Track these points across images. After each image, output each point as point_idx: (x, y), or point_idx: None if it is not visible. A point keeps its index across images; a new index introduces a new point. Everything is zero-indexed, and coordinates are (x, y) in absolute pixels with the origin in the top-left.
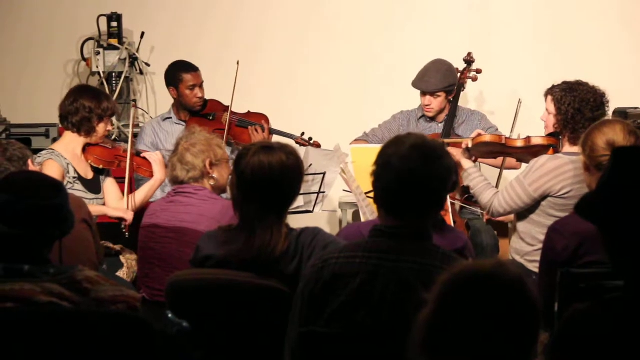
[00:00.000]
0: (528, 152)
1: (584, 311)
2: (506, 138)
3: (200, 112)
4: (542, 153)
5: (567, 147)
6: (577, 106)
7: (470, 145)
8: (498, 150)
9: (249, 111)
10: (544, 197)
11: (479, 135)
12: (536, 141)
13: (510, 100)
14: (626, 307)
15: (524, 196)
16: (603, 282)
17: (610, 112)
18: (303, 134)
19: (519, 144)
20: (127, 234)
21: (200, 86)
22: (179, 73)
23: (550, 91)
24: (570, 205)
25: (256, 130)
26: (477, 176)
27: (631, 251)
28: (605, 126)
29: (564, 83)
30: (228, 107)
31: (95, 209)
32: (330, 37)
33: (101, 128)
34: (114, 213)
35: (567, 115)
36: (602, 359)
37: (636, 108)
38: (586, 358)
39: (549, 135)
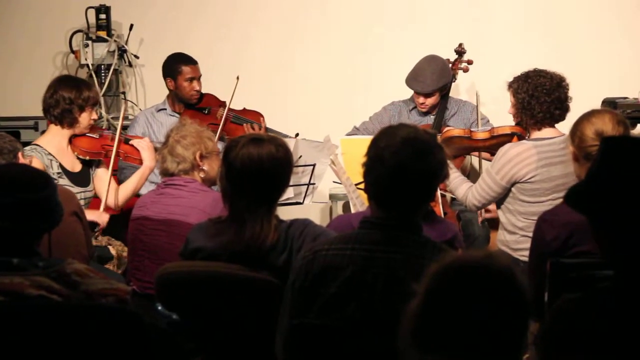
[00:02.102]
0: (496, 143)
1: (574, 301)
2: (471, 131)
3: (195, 106)
4: (508, 142)
5: (532, 133)
6: (531, 92)
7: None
8: (466, 145)
9: (244, 108)
10: (511, 183)
11: (447, 130)
12: (500, 131)
13: (502, 91)
14: (616, 297)
15: (494, 185)
16: (593, 272)
17: (599, 102)
18: (297, 134)
19: (483, 135)
20: (98, 237)
21: (198, 79)
22: (178, 65)
23: (510, 84)
24: (538, 189)
25: (252, 128)
26: (452, 172)
27: (620, 241)
28: (594, 116)
29: (522, 74)
30: (224, 102)
31: None
32: (323, 32)
33: (84, 118)
34: (87, 217)
35: (524, 103)
36: (591, 349)
37: (625, 98)
38: (576, 347)
39: (517, 124)
